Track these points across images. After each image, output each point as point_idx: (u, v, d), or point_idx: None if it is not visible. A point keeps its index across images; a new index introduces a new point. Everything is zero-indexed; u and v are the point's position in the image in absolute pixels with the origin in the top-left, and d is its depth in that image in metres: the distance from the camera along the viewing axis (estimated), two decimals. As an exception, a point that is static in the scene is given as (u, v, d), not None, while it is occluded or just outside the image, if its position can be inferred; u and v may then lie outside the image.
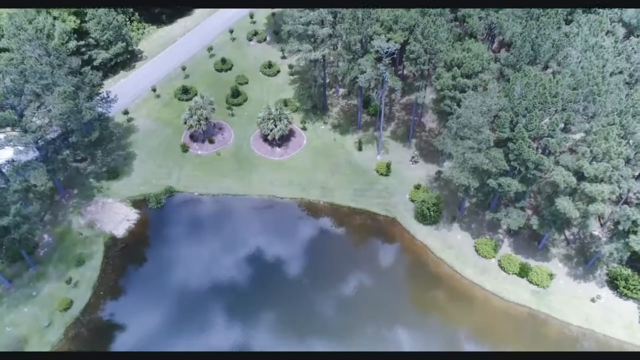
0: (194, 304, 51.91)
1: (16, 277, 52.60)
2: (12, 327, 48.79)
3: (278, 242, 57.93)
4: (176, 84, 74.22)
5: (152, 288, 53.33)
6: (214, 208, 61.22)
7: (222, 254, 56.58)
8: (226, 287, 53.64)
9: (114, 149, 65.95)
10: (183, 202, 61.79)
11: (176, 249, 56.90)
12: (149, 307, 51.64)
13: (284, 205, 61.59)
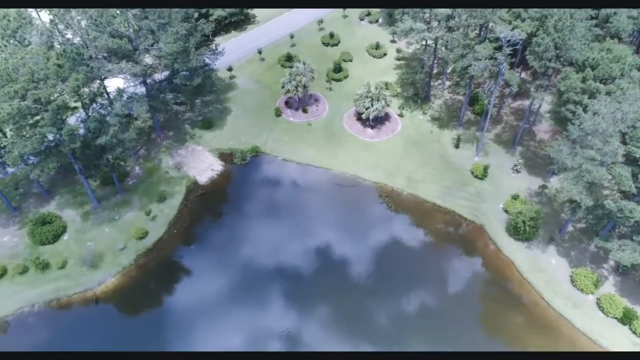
0: (253, 267, 50.82)
1: (104, 199, 55.27)
2: (92, 243, 51.19)
3: (351, 223, 55.30)
4: (282, 50, 74.47)
5: (219, 240, 53.27)
6: (295, 175, 60.18)
7: (292, 223, 55.12)
8: (287, 259, 51.62)
9: (212, 102, 67.49)
10: (266, 164, 61.49)
11: (250, 207, 56.60)
12: (212, 258, 51.61)
13: (365, 187, 58.94)
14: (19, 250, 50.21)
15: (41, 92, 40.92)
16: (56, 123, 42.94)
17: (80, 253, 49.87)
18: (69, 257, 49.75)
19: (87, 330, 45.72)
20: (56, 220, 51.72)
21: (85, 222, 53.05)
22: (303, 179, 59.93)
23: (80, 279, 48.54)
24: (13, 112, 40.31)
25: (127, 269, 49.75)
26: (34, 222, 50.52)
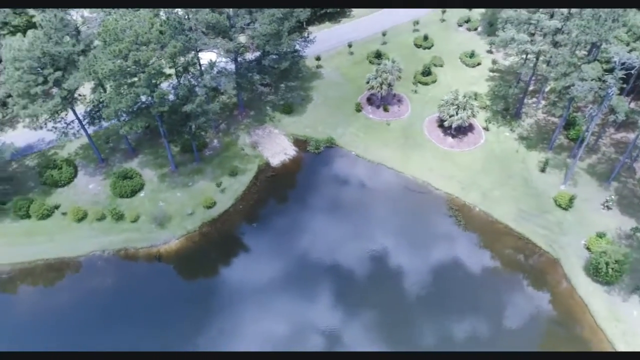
0: (306, 258, 50.42)
1: (181, 165, 57.90)
2: (164, 204, 53.84)
3: (413, 232, 53.23)
4: (372, 47, 73.58)
5: (280, 224, 53.61)
6: (365, 173, 59.19)
7: (354, 221, 53.96)
8: (341, 257, 50.49)
9: (295, 88, 68.28)
10: (339, 156, 61.05)
11: (315, 197, 56.45)
12: (270, 240, 52.05)
13: (435, 196, 56.58)
14: (100, 199, 54.05)
15: (141, 55, 43.41)
16: (150, 85, 45.41)
17: (152, 211, 52.66)
18: (142, 213, 52.69)
19: (145, 284, 48.19)
20: (136, 177, 55.03)
21: (161, 183, 55.92)
22: (372, 177, 58.81)
23: (148, 235, 51.23)
24: (114, 69, 43.17)
25: (191, 234, 51.70)
26: (117, 175, 54.12)
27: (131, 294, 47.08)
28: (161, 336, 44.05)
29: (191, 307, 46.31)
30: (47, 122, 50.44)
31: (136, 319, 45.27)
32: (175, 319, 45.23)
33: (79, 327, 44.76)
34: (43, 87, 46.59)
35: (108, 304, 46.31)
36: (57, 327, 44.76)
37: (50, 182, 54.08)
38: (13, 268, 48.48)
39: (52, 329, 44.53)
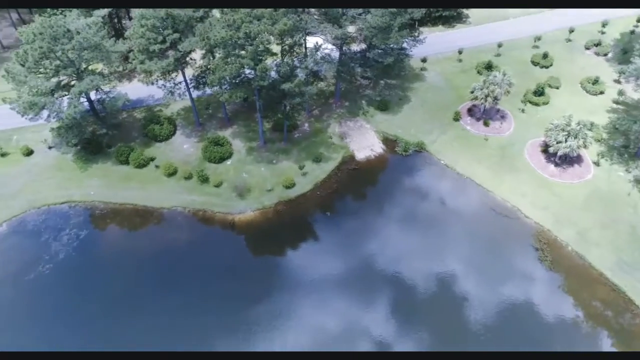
0: (370, 261, 48.74)
1: (270, 142, 59.26)
2: (247, 175, 55.47)
3: (489, 259, 49.10)
4: (483, 57, 69.70)
5: (352, 219, 52.53)
6: (451, 185, 56.20)
7: (428, 234, 51.32)
8: (406, 269, 48.02)
9: (395, 86, 66.77)
10: (426, 163, 58.66)
11: (393, 200, 54.53)
12: (339, 233, 51.32)
13: (523, 225, 52.14)
14: (191, 159, 57.02)
15: (253, 27, 44.75)
16: (255, 59, 46.69)
17: (234, 180, 54.49)
18: (225, 180, 54.71)
19: (214, 246, 49.88)
20: (226, 145, 57.27)
21: (247, 155, 57.64)
22: (457, 191, 55.69)
23: (227, 202, 53.07)
24: (226, 38, 44.94)
25: (266, 209, 52.66)
26: (209, 141, 56.74)
27: (199, 252, 49.02)
28: (213, 298, 45.37)
29: (248, 278, 47.11)
30: (159, 80, 54.03)
31: (197, 276, 47.00)
32: (231, 287, 46.33)
33: (148, 270, 47.60)
34: (161, 46, 49.87)
35: (177, 255, 48.65)
36: (130, 265, 47.88)
37: (151, 135, 58.14)
38: (106, 207, 52.78)
39: (125, 266, 47.74)
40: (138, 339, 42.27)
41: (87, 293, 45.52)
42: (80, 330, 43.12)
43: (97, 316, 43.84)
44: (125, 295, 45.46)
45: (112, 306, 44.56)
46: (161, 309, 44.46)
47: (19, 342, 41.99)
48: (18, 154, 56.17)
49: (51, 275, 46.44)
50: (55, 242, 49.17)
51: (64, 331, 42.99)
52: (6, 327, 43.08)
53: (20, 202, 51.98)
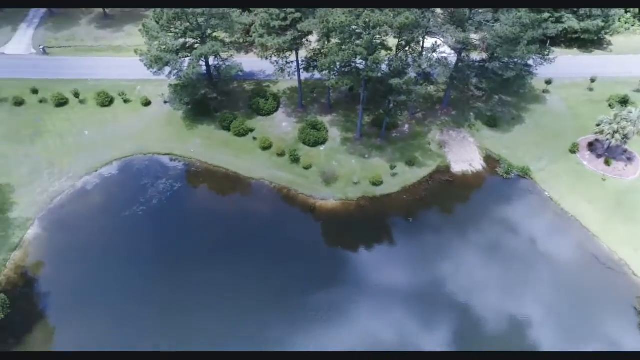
0: (442, 285, 45.55)
1: (366, 136, 58.43)
2: (337, 164, 55.28)
3: (583, 318, 43.26)
4: (620, 89, 62.51)
5: (434, 233, 49.85)
6: (551, 221, 50.71)
7: (515, 271, 46.55)
8: (479, 305, 43.97)
9: (510, 103, 62.35)
10: (527, 191, 53.85)
11: (483, 224, 50.55)
12: (416, 244, 48.86)
13: (630, 284, 45.24)
14: (287, 138, 58.13)
15: (373, 17, 44.03)
16: (369, 48, 45.97)
17: (324, 166, 54.52)
18: (315, 164, 54.96)
19: (290, 225, 50.26)
20: (323, 131, 57.50)
21: (342, 145, 57.35)
22: (558, 229, 50.27)
23: (312, 185, 53.27)
24: (345, 23, 44.72)
25: (349, 201, 51.95)
26: (307, 123, 57.37)
27: (274, 227, 49.67)
28: (276, 279, 45.52)
29: (314, 264, 46.63)
30: (273, 56, 55.65)
31: (266, 249, 47.60)
32: (294, 268, 46.18)
33: (225, 232, 49.00)
34: (281, 23, 51.17)
35: (253, 224, 49.70)
36: (210, 224, 49.70)
37: (255, 108, 60.24)
38: (201, 165, 55.67)
39: (206, 223, 49.68)
40: (199, 291, 44.01)
41: (167, 239, 48.28)
42: (150, 269, 45.91)
43: (168, 262, 46.28)
44: (198, 249, 47.36)
45: (184, 256, 46.75)
46: (225, 271, 45.79)
47: (102, 263, 45.92)
48: (138, 103, 61.35)
49: (142, 217, 50.04)
50: (152, 188, 52.88)
51: (138, 266, 46.12)
52: (95, 249, 47.21)
53: (131, 146, 56.68)
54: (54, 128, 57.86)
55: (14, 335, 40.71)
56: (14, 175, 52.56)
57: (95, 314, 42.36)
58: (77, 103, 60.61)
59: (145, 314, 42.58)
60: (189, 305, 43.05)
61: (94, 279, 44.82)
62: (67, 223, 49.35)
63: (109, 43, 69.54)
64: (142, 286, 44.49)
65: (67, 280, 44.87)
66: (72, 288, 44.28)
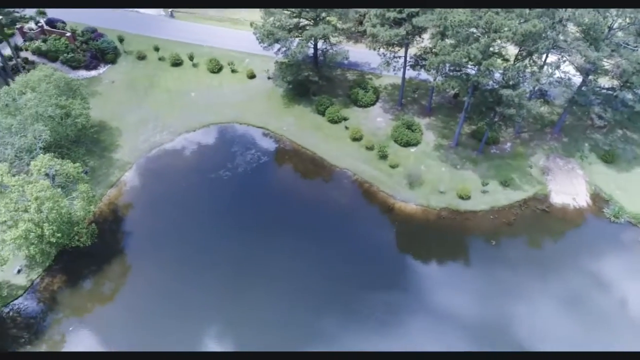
0: (511, 327, 41.83)
1: (462, 146, 55.19)
2: (425, 169, 52.99)
3: None
4: None
5: (512, 264, 45.48)
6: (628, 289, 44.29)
7: (590, 330, 41.41)
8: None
9: (634, 141, 55.27)
10: (634, 243, 47.38)
11: (572, 268, 45.15)
12: (493, 274, 45.09)
13: None
14: (379, 133, 56.79)
15: (497, 19, 41.00)
16: (485, 52, 43.00)
17: (411, 168, 52.44)
18: (402, 165, 53.10)
19: (365, 220, 49.08)
20: (417, 133, 55.36)
21: (434, 150, 54.78)
22: None
23: (395, 185, 51.53)
24: (464, 22, 42.26)
25: (430, 209, 49.35)
26: (403, 122, 55.55)
27: (348, 218, 48.91)
28: (339, 270, 44.66)
29: (379, 265, 45.05)
30: (381, 48, 54.46)
31: (335, 240, 46.90)
32: (359, 265, 45.00)
33: (300, 213, 49.17)
34: (397, 16, 49.75)
35: (329, 212, 49.36)
36: (288, 201, 50.11)
37: (353, 97, 59.60)
38: (290, 144, 56.11)
39: (284, 200, 50.18)
40: (260, 264, 44.73)
41: (243, 207, 49.53)
42: (222, 230, 47.65)
43: (239, 228, 47.65)
44: (270, 224, 47.95)
45: (255, 227, 47.68)
46: (290, 251, 45.88)
47: (182, 214, 48.44)
48: (244, 75, 63.59)
49: (226, 181, 51.86)
50: (240, 156, 54.60)
51: (213, 224, 48.12)
52: (177, 200, 49.81)
53: (230, 114, 58.94)
54: (165, 85, 61.99)
55: (96, 263, 44.42)
56: (125, 121, 57.17)
57: (167, 258, 44.90)
58: (190, 66, 64.33)
59: (210, 268, 44.27)
60: (247, 278, 43.93)
61: (172, 226, 47.45)
62: (159, 172, 52.68)
63: (229, 15, 72.82)
64: (212, 243, 46.29)
65: (148, 223, 47.98)
66: (152, 231, 47.25)
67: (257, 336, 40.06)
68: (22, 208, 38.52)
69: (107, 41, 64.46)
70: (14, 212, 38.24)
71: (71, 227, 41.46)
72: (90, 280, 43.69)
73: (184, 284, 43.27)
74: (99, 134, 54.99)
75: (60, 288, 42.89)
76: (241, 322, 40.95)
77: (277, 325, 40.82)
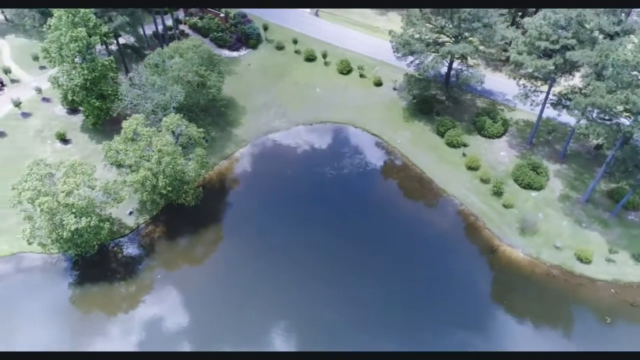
0: None
1: (594, 204, 48.66)
2: (542, 217, 47.76)
3: None
4: None
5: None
6: None
7: None
8: None
9: None
10: None
11: None
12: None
13: None
14: (499, 168, 52.17)
15: None
16: None
17: (527, 213, 47.31)
18: (517, 207, 48.20)
19: (459, 254, 45.75)
20: (543, 177, 50.02)
21: (559, 201, 48.90)
22: None
23: (504, 225, 47.02)
24: (630, 63, 36.99)
25: (538, 262, 44.22)
26: (529, 162, 50.68)
27: (445, 250, 45.86)
28: (421, 304, 41.82)
29: (469, 310, 41.37)
30: (523, 78, 50.28)
31: (428, 269, 44.21)
32: (447, 305, 41.67)
33: (392, 230, 47.17)
34: (549, 46, 45.18)
35: (425, 239, 46.76)
36: (383, 215, 48.38)
37: (478, 125, 55.59)
38: (402, 158, 54.27)
39: (379, 213, 48.46)
40: (342, 269, 43.79)
41: (339, 208, 48.94)
42: (313, 223, 47.87)
43: (329, 226, 47.46)
44: (360, 232, 46.84)
45: (347, 232, 46.89)
46: (375, 267, 44.26)
47: (281, 199, 49.89)
48: (370, 81, 62.95)
49: (328, 178, 51.92)
50: (348, 158, 54.17)
51: (306, 215, 48.61)
52: (280, 185, 51.07)
53: (348, 116, 58.49)
54: (295, 76, 63.92)
55: (194, 224, 47.04)
56: (251, 102, 59.88)
57: (257, 236, 46.31)
58: (322, 63, 65.56)
59: (292, 258, 44.67)
60: (324, 279, 43.36)
61: (269, 208, 48.82)
62: (269, 156, 54.48)
63: (370, 22, 73.18)
64: (301, 235, 46.76)
65: (248, 199, 49.98)
66: (249, 208, 49.10)
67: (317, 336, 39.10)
68: (145, 157, 42.00)
69: (253, 27, 68.51)
70: (139, 158, 41.83)
71: (181, 185, 44.33)
72: (185, 239, 46.34)
73: (267, 265, 44.07)
74: (226, 109, 58.38)
75: (159, 237, 46.08)
76: (308, 321, 40.43)
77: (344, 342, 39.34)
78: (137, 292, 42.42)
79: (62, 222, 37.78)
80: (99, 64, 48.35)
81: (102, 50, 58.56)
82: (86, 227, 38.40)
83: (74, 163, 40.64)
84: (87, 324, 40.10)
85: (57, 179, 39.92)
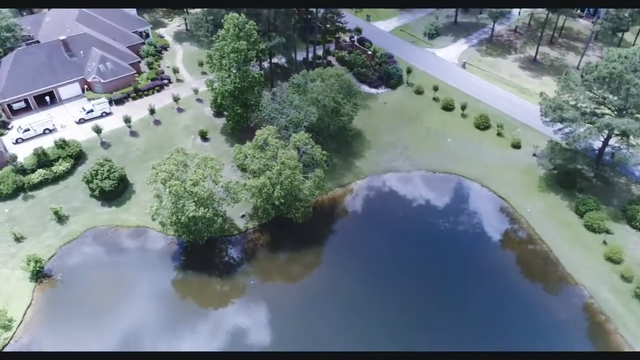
0: None
1: None
2: None
3: None
4: None
5: None
6: None
7: None
8: None
9: None
10: None
11: None
12: None
13: None
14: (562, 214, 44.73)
15: None
16: None
17: None
18: None
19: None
20: (598, 217, 42.87)
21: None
22: None
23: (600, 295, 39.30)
24: None
25: None
26: (584, 203, 46.30)
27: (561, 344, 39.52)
28: None
29: None
30: None
31: None
32: None
33: (496, 300, 42.53)
34: None
35: (542, 328, 40.94)
36: (494, 285, 44.12)
37: (629, 214, 47.86)
38: (526, 229, 48.97)
39: (487, 281, 44.41)
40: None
41: (447, 265, 45.65)
42: (415, 273, 45.14)
43: (432, 281, 44.23)
44: (466, 303, 42.99)
45: (447, 294, 43.45)
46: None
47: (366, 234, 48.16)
48: (508, 142, 58.50)
49: (441, 231, 49.20)
50: (467, 216, 50.94)
51: (411, 264, 45.94)
52: (389, 226, 49.32)
53: (477, 172, 54.98)
54: (428, 122, 62.43)
55: (297, 241, 47.80)
56: (378, 139, 59.57)
57: (355, 268, 45.53)
58: (459, 115, 63.24)
59: (384, 297, 42.65)
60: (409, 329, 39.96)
61: (372, 245, 47.99)
62: (384, 194, 54.26)
63: (519, 82, 69.19)
64: (396, 278, 44.64)
65: (354, 231, 49.86)
66: (353, 240, 48.78)
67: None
68: (268, 166, 43.71)
69: (397, 68, 69.17)
70: (263, 166, 43.68)
71: (294, 200, 45.20)
72: (285, 253, 46.89)
73: (359, 295, 43.15)
74: (352, 139, 58.96)
75: (262, 246, 47.25)
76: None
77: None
78: (229, 293, 43.62)
79: (183, 207, 40.60)
80: (250, 75, 52.53)
81: (256, 65, 63.76)
82: (202, 216, 40.80)
83: (207, 157, 43.90)
84: (177, 308, 42.08)
85: (189, 168, 43.41)
